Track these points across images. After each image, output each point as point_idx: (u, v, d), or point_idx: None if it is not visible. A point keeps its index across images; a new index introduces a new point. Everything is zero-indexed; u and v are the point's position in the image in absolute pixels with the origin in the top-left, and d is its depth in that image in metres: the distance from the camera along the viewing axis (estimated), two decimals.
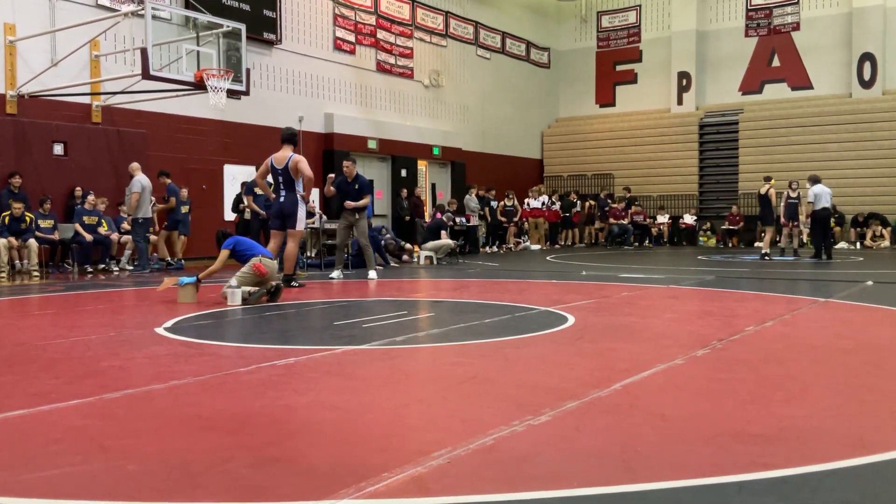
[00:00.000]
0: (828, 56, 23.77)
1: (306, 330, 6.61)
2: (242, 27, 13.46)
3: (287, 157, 9.56)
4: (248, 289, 8.04)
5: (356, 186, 11.49)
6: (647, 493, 2.50)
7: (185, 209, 14.92)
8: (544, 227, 22.40)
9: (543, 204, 22.40)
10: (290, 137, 9.77)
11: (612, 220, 22.91)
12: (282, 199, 9.60)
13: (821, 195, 15.31)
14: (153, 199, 13.62)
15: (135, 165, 13.21)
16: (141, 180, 12.95)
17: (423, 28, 21.95)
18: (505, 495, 2.48)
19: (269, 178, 10.07)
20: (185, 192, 14.97)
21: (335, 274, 11.43)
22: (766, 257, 15.61)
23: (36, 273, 11.90)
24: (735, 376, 4.33)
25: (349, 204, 11.37)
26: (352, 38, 19.64)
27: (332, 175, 12.14)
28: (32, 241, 12.02)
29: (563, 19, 28.13)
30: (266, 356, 4.96)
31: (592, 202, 23.88)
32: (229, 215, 16.00)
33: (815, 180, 15.75)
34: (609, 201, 23.51)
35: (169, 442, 3.11)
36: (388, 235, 15.17)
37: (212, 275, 8.49)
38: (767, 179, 16.61)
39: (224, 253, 8.37)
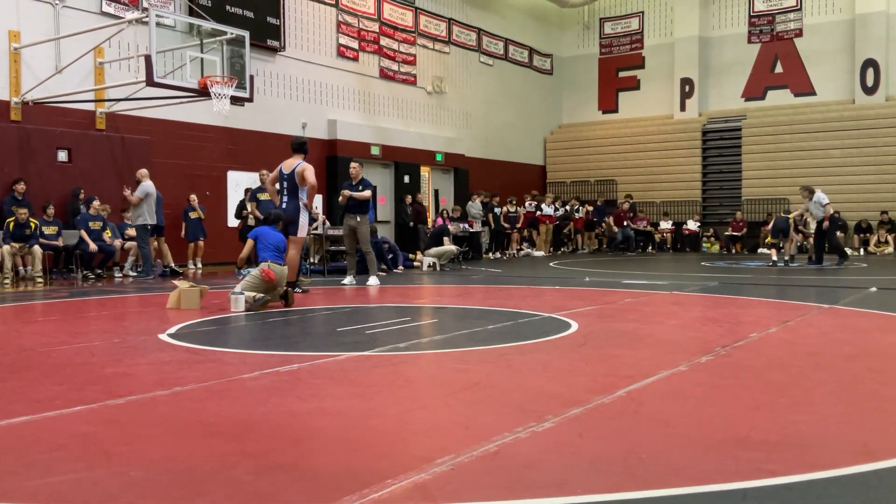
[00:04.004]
0: (831, 62, 23.78)
1: (310, 336, 6.62)
2: (246, 34, 13.50)
3: (295, 164, 9.59)
4: (251, 294, 8.03)
5: (360, 189, 11.46)
6: (651, 499, 2.50)
7: (194, 215, 14.98)
8: (549, 234, 22.38)
9: (556, 209, 22.46)
10: (299, 146, 9.81)
11: (610, 221, 22.86)
12: (284, 205, 9.64)
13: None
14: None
15: (143, 172, 13.23)
16: (146, 187, 12.97)
17: (426, 35, 22.00)
18: (508, 502, 2.48)
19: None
20: (194, 199, 15.03)
21: (347, 280, 11.43)
22: (786, 263, 15.84)
23: (40, 279, 11.92)
24: (739, 383, 4.32)
25: (346, 193, 11.29)
26: (355, 45, 19.69)
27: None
28: (36, 248, 12.04)
29: (566, 26, 28.18)
30: (269, 362, 4.96)
31: (589, 207, 23.88)
32: (233, 221, 16.03)
33: (812, 189, 15.92)
34: (605, 208, 23.55)
35: (172, 448, 3.11)
36: (387, 246, 15.11)
37: (243, 261, 9.06)
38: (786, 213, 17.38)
39: (250, 242, 8.58)
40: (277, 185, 9.88)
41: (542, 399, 3.90)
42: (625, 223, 22.59)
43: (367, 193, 11.53)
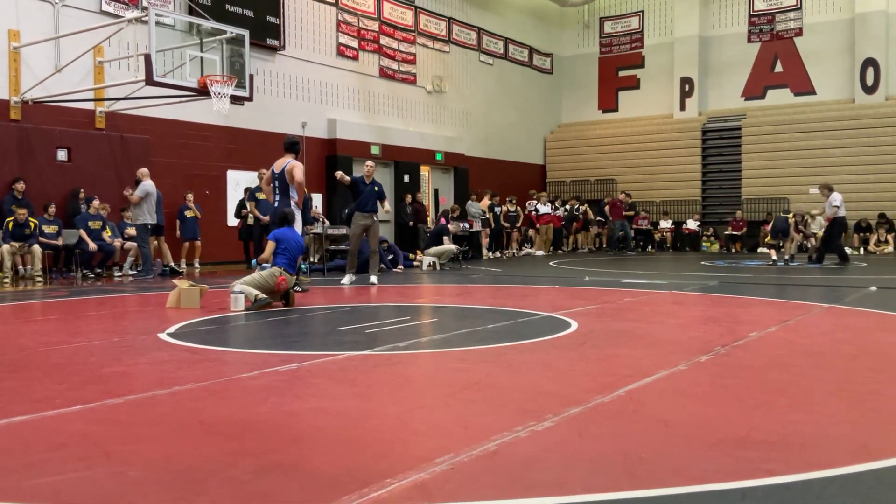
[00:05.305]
0: (830, 61, 23.79)
1: (309, 335, 6.62)
2: (246, 33, 13.50)
3: (285, 163, 9.61)
4: (254, 292, 8.02)
5: (375, 189, 11.49)
6: (650, 499, 2.50)
7: (189, 214, 14.97)
8: (549, 234, 22.35)
9: (556, 209, 22.41)
10: (290, 146, 9.81)
11: (607, 210, 22.71)
12: (276, 203, 9.66)
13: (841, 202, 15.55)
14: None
15: (143, 171, 13.22)
16: (146, 186, 12.97)
17: (426, 34, 22.00)
18: (508, 501, 2.47)
19: None
20: (190, 197, 15.01)
21: (347, 279, 11.41)
22: (786, 262, 15.92)
23: (39, 278, 11.92)
24: (738, 382, 4.32)
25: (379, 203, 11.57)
26: (355, 44, 19.69)
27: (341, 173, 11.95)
28: (36, 247, 12.04)
29: (566, 25, 28.18)
30: (269, 362, 4.96)
31: (584, 206, 23.79)
32: (232, 220, 16.03)
33: (831, 188, 15.84)
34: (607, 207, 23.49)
35: (172, 448, 3.11)
36: (386, 245, 15.14)
37: (264, 260, 8.58)
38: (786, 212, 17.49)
39: (272, 244, 8.46)
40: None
41: (542, 398, 3.90)
42: (623, 215, 22.31)
43: (388, 206, 11.95)
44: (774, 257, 16.17)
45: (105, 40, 13.53)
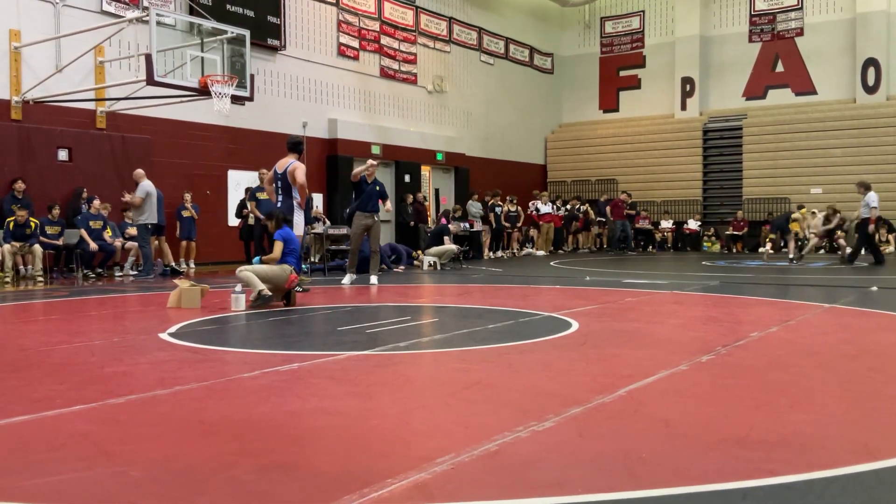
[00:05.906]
0: (831, 61, 23.78)
1: (310, 335, 6.61)
2: (246, 33, 13.50)
3: (288, 163, 9.62)
4: (259, 285, 8.01)
5: (377, 188, 11.49)
6: (651, 499, 2.50)
7: (186, 214, 14.97)
8: (549, 233, 22.34)
9: (558, 209, 22.39)
10: (294, 146, 9.82)
11: (608, 211, 22.64)
12: (279, 204, 9.66)
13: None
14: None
15: (139, 172, 13.22)
16: (146, 187, 12.97)
17: (427, 34, 22.00)
18: (508, 501, 2.47)
19: None
20: (188, 197, 15.01)
21: (347, 279, 11.39)
22: (791, 261, 16.03)
23: (40, 278, 11.92)
24: (739, 382, 4.32)
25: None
26: (356, 44, 19.69)
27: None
28: (37, 247, 12.05)
29: (567, 25, 28.19)
30: (270, 362, 4.96)
31: (585, 206, 23.74)
32: (233, 220, 16.04)
33: (868, 186, 15.75)
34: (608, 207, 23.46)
35: (173, 448, 3.11)
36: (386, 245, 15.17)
37: (275, 261, 8.44)
38: (800, 208, 17.48)
39: (280, 244, 8.47)
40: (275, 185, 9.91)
41: (543, 398, 3.90)
42: (624, 215, 22.27)
43: (389, 205, 12.11)
44: (766, 248, 16.20)
45: (106, 40, 13.54)
